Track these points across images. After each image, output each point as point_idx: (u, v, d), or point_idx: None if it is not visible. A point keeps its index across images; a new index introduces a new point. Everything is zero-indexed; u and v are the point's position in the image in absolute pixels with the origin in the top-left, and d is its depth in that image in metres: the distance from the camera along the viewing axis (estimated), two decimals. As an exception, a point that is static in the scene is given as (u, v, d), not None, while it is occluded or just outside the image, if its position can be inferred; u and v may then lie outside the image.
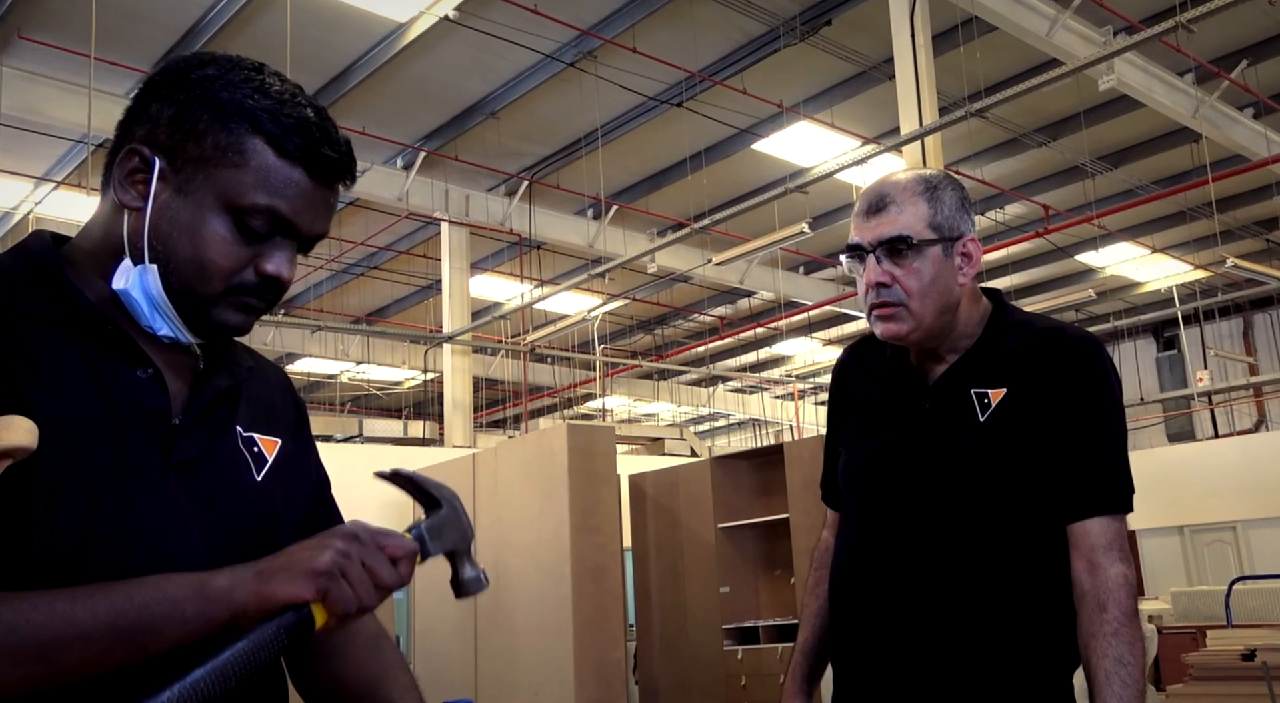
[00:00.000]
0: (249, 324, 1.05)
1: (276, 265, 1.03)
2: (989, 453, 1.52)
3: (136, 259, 1.00)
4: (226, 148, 1.00)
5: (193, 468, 1.00)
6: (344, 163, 1.05)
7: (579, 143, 10.17)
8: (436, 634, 6.92)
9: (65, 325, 0.97)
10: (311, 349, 14.57)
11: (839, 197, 11.22)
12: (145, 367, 1.00)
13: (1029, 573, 1.51)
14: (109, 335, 0.98)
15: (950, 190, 1.58)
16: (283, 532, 1.08)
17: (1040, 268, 13.96)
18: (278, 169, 1.02)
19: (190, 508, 0.98)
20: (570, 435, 5.86)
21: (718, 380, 18.48)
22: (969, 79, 8.16)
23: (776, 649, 6.57)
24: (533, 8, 7.80)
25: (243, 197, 1.00)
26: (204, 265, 1.00)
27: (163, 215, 1.00)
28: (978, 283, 1.63)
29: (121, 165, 1.01)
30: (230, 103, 1.01)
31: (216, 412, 1.05)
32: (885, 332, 1.57)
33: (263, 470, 1.07)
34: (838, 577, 1.68)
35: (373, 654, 1.18)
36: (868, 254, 1.57)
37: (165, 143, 1.00)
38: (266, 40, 7.93)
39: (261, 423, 1.11)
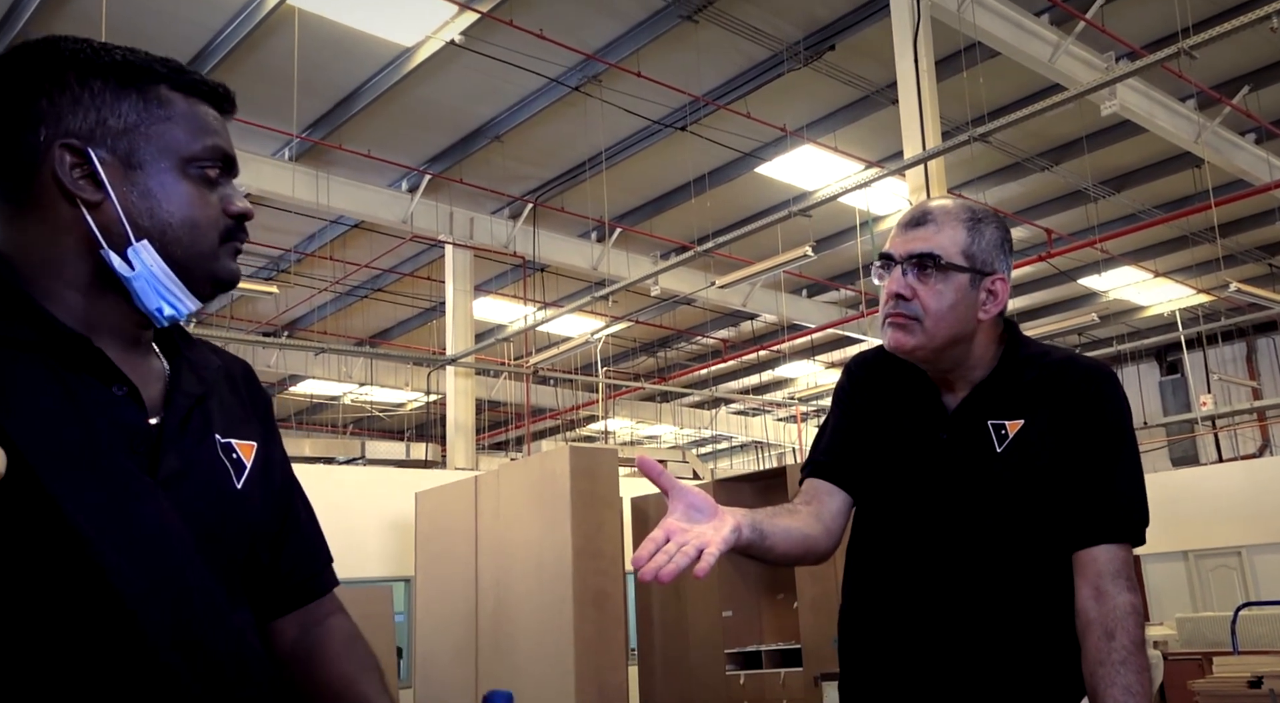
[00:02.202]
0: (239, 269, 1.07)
1: (241, 202, 1.05)
2: (1007, 484, 1.52)
3: (117, 246, 0.97)
4: (147, 106, 1.00)
5: (178, 481, 0.98)
6: (228, 88, 1.07)
7: (583, 166, 10.22)
8: (438, 658, 6.89)
9: (31, 346, 0.93)
10: (315, 371, 14.59)
11: (842, 220, 11.26)
12: (120, 384, 0.96)
13: (1041, 602, 1.51)
14: (81, 354, 0.95)
15: (993, 228, 1.58)
16: (260, 539, 1.08)
17: (1043, 291, 13.97)
18: (196, 111, 1.02)
19: (180, 522, 0.96)
20: (573, 458, 5.85)
21: (720, 403, 18.47)
22: (972, 104, 8.20)
23: (779, 674, 6.53)
24: (538, 32, 7.86)
25: (189, 146, 1.00)
26: (195, 223, 1.00)
27: (129, 195, 0.97)
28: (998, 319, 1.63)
29: (61, 167, 0.96)
30: (120, 65, 0.99)
31: (193, 420, 1.03)
32: (893, 340, 1.56)
33: (242, 478, 1.06)
34: (851, 602, 1.66)
35: (347, 655, 1.16)
36: (896, 265, 1.57)
37: (82, 129, 0.97)
38: (274, 64, 7.98)
39: (236, 427, 1.09)
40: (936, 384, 1.62)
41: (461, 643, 6.59)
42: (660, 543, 1.26)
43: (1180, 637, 8.35)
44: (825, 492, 1.64)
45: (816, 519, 1.60)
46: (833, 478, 1.65)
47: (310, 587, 1.17)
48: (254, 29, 7.62)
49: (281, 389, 15.82)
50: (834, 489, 1.64)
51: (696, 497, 1.33)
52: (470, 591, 6.59)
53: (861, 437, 1.66)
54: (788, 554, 1.51)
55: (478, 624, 6.49)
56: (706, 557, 1.25)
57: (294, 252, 11.96)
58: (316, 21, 7.59)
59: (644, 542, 1.26)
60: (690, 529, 1.29)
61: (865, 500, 1.66)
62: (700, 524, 1.31)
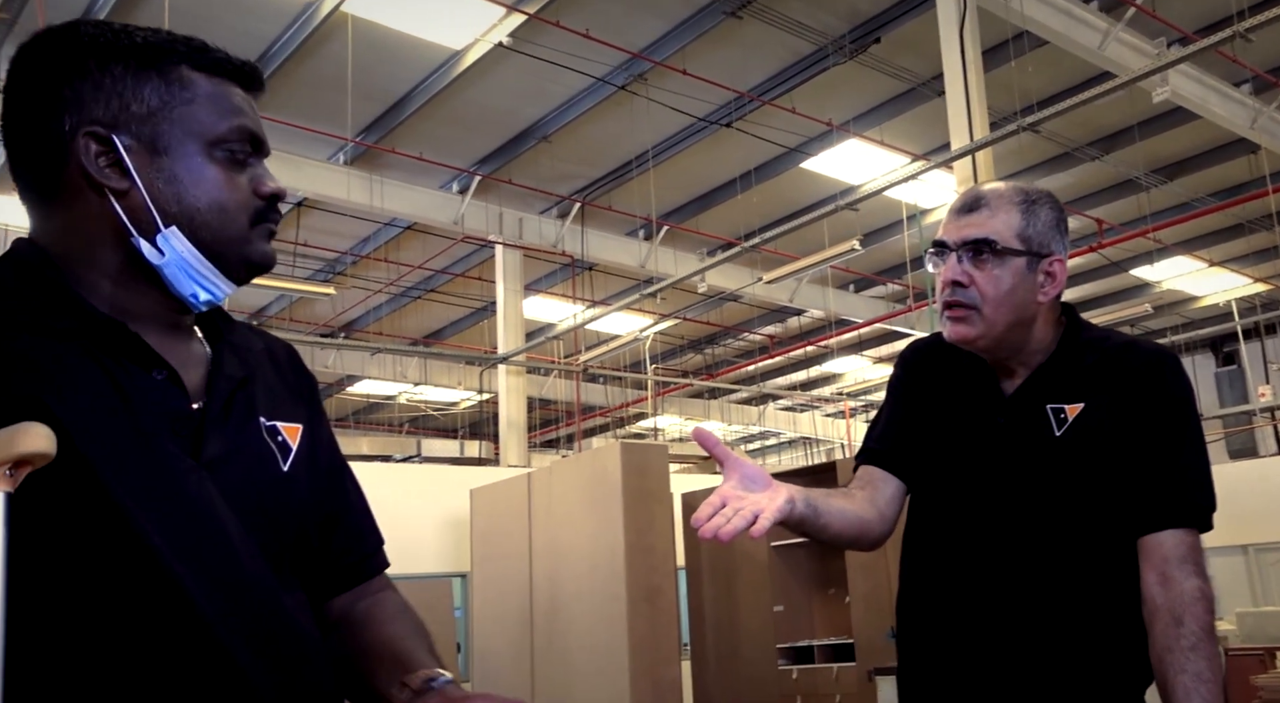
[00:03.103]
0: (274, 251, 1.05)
1: (272, 182, 1.03)
2: (1066, 469, 1.50)
3: (147, 233, 0.96)
4: (169, 88, 0.98)
5: (222, 465, 0.97)
6: (254, 66, 1.05)
7: (630, 164, 10.28)
8: (494, 654, 6.98)
9: (72, 335, 0.93)
10: (371, 371, 14.81)
11: (889, 214, 11.20)
12: (160, 369, 0.96)
13: (1105, 589, 1.48)
14: (120, 340, 0.94)
15: (1048, 208, 1.56)
16: (309, 521, 1.06)
17: (1094, 283, 13.78)
18: (220, 91, 1.01)
19: (226, 505, 0.96)
20: (624, 454, 5.90)
21: (768, 399, 18.43)
22: (1020, 93, 8.13)
23: (832, 669, 6.54)
24: (584, 32, 7.93)
25: (215, 128, 0.99)
26: (224, 206, 0.99)
27: (156, 181, 0.96)
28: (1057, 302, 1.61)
29: (87, 156, 0.95)
30: (140, 47, 0.98)
31: (236, 403, 1.02)
32: (953, 333, 1.54)
33: (288, 460, 1.04)
34: (908, 593, 1.64)
35: (395, 619, 1.15)
36: (951, 252, 1.55)
37: (105, 116, 0.96)
38: (328, 70, 8.13)
39: (282, 410, 1.07)
40: (994, 369, 1.59)
41: (517, 638, 6.68)
42: (717, 507, 1.27)
43: (1240, 632, 8.22)
44: (880, 478, 1.63)
45: (871, 504, 1.58)
46: (886, 465, 1.64)
47: (362, 569, 1.16)
48: (308, 36, 7.76)
49: (339, 389, 16.08)
50: (888, 476, 1.63)
51: (751, 468, 1.35)
52: (525, 586, 6.68)
53: (916, 424, 1.64)
54: (841, 534, 1.51)
55: (533, 620, 6.58)
56: (762, 520, 1.27)
57: (350, 254, 12.15)
58: (369, 27, 7.72)
59: (702, 505, 1.27)
60: (746, 497, 1.31)
61: (921, 487, 1.64)
62: (755, 493, 1.32)
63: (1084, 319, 1.63)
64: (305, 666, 0.98)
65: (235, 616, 0.92)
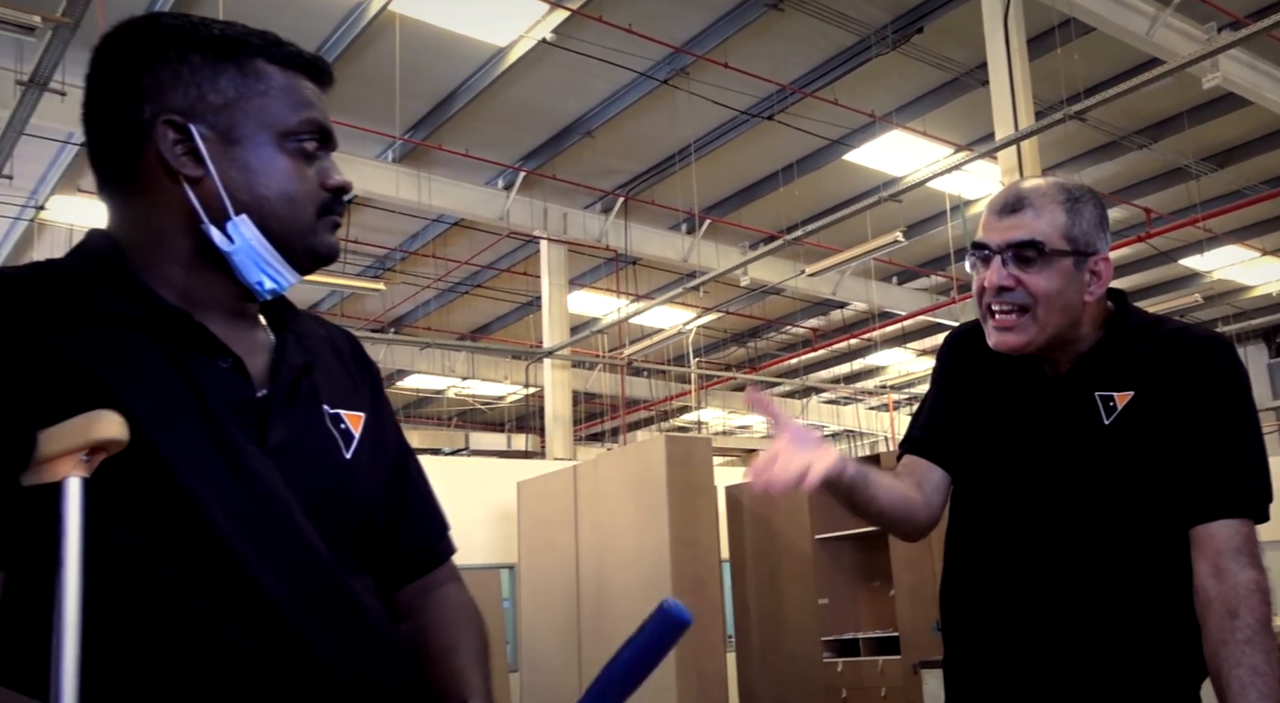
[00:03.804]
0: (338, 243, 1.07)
1: (339, 176, 1.05)
2: (1116, 458, 1.46)
3: (217, 220, 0.98)
4: (245, 80, 1.00)
5: (287, 451, 0.98)
6: (324, 60, 1.07)
7: (673, 158, 10.31)
8: (541, 644, 7.07)
9: (141, 324, 0.95)
10: (420, 366, 14.98)
11: (932, 205, 11.13)
12: (225, 357, 0.98)
13: (1157, 581, 1.44)
14: (187, 330, 0.96)
15: (1091, 205, 1.51)
16: (373, 509, 1.07)
17: (1142, 273, 13.58)
18: (292, 84, 1.02)
19: (290, 490, 0.97)
20: (668, 447, 5.95)
21: (811, 392, 18.38)
22: (1066, 82, 8.04)
23: (877, 662, 6.55)
24: (627, 27, 7.97)
25: (286, 120, 1.01)
26: (293, 197, 1.00)
27: (229, 169, 0.98)
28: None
29: (164, 143, 0.97)
30: (218, 39, 1.00)
31: (299, 390, 1.03)
32: (1001, 342, 1.50)
33: (351, 448, 1.05)
34: (953, 583, 1.61)
35: (452, 624, 1.15)
36: (993, 255, 1.49)
37: (182, 105, 0.98)
38: (376, 69, 8.25)
39: (345, 397, 1.08)
40: (1039, 357, 1.55)
41: (564, 629, 6.76)
42: (771, 461, 1.29)
43: (1296, 625, 8.10)
44: (925, 468, 1.60)
45: (919, 489, 1.56)
46: (931, 455, 1.61)
47: (427, 557, 1.17)
48: (357, 36, 7.88)
49: (389, 384, 16.30)
50: (933, 466, 1.60)
51: (803, 429, 1.35)
52: (571, 578, 6.75)
53: (960, 412, 1.61)
54: (888, 511, 1.49)
55: (579, 611, 6.65)
56: (813, 474, 1.28)
57: (399, 250, 12.29)
58: (416, 26, 7.83)
59: (754, 460, 1.30)
60: (797, 454, 1.31)
61: (966, 476, 1.61)
62: (807, 451, 1.33)
63: (1133, 305, 1.59)
64: (373, 645, 0.99)
65: (301, 597, 0.93)
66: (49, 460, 0.85)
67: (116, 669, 0.86)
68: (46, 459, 0.86)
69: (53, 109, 6.92)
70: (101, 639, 0.84)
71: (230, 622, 0.89)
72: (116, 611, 0.86)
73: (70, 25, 5.47)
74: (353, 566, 1.03)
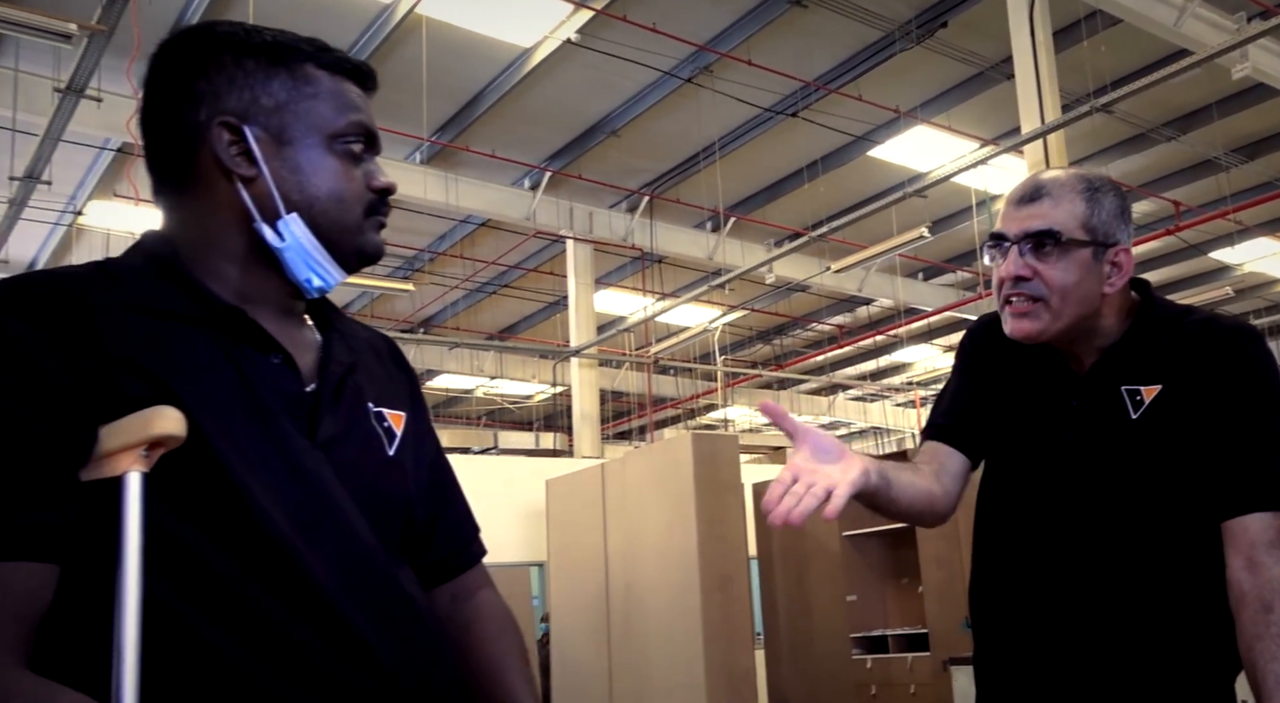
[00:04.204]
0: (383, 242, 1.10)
1: (384, 177, 1.08)
2: (1145, 452, 1.44)
3: (269, 219, 1.01)
4: (295, 84, 1.03)
5: (336, 445, 1.01)
6: (370, 66, 1.10)
7: (697, 157, 10.33)
8: (572, 641, 7.11)
9: (196, 320, 0.98)
10: (449, 366, 15.10)
11: (958, 200, 11.09)
12: (276, 353, 1.01)
13: (1189, 576, 1.42)
14: (240, 326, 0.99)
15: (1112, 195, 1.49)
16: (412, 507, 1.09)
17: (1171, 267, 13.46)
18: (340, 88, 1.06)
19: (340, 484, 0.99)
20: (695, 445, 5.96)
21: (838, 389, 18.35)
22: (1093, 74, 8.00)
23: (906, 659, 6.53)
24: (651, 26, 8.00)
25: (334, 123, 1.04)
26: (342, 197, 1.03)
27: (280, 169, 1.01)
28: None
29: (219, 144, 1.01)
30: (271, 44, 1.04)
31: (346, 388, 1.06)
32: (1016, 329, 1.48)
33: (393, 445, 1.08)
34: (981, 580, 1.59)
35: (497, 636, 1.18)
36: (1010, 245, 1.48)
37: (237, 107, 1.01)
38: (404, 71, 8.31)
39: (387, 397, 1.11)
40: (1062, 351, 1.54)
41: (594, 626, 6.79)
42: (788, 485, 1.21)
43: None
44: (945, 454, 1.59)
45: (937, 479, 1.54)
46: (952, 441, 1.60)
47: (461, 559, 1.20)
48: (385, 39, 7.95)
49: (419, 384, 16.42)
50: (953, 452, 1.59)
51: (823, 438, 1.29)
52: (600, 575, 6.79)
53: (983, 402, 1.60)
54: (909, 508, 1.47)
55: (609, 608, 6.68)
56: (836, 498, 1.21)
57: (427, 251, 12.39)
58: (442, 28, 7.89)
59: (772, 484, 1.21)
60: (818, 470, 1.24)
61: (991, 471, 1.60)
62: (827, 465, 1.26)
63: (1158, 296, 1.56)
64: (422, 636, 1.01)
65: (352, 587, 0.95)
66: (109, 456, 0.88)
67: (173, 659, 0.87)
68: (107, 455, 0.88)
69: (89, 116, 7.04)
70: (158, 630, 0.86)
71: (283, 611, 0.91)
72: (173, 602, 0.89)
73: (105, 33, 5.56)
74: (399, 558, 1.05)
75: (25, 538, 0.86)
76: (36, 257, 11.55)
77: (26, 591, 0.86)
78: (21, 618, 0.86)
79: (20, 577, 0.86)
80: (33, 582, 0.87)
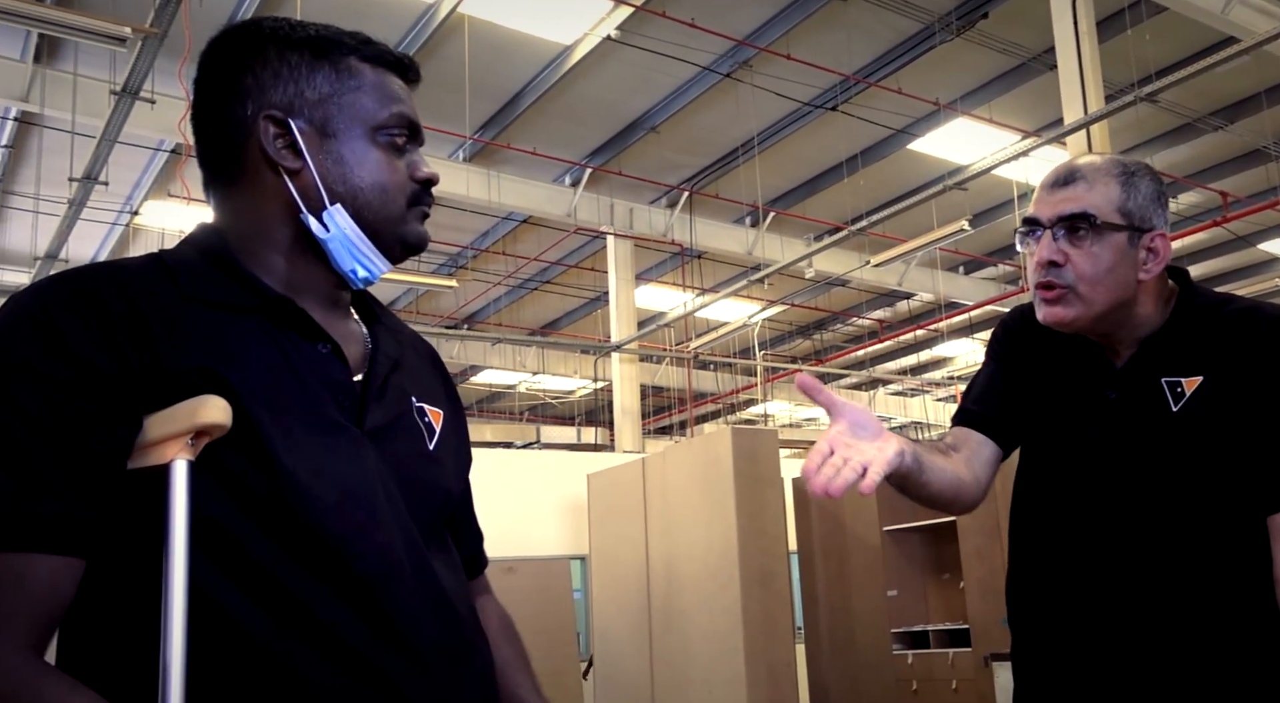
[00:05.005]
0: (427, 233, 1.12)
1: (427, 168, 1.09)
2: (1186, 445, 1.41)
3: (314, 210, 1.03)
4: (339, 77, 1.05)
5: (382, 435, 1.02)
6: (412, 59, 1.11)
7: (736, 152, 10.33)
8: (614, 635, 7.16)
9: (247, 310, 0.99)
10: (492, 361, 15.22)
11: (999, 193, 11.00)
12: (324, 342, 1.02)
13: (1231, 572, 1.39)
14: (289, 315, 1.01)
15: (1148, 180, 1.47)
16: (450, 501, 1.12)
17: (1218, 259, 13.25)
18: (383, 80, 1.07)
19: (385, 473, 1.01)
20: (735, 439, 5.98)
21: (878, 384, 18.24)
22: (1137, 63, 7.90)
23: (948, 655, 6.52)
24: (690, 21, 8.03)
25: (377, 115, 1.05)
26: (385, 188, 1.05)
27: (324, 161, 1.03)
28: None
29: (266, 137, 1.02)
30: (315, 38, 1.05)
31: (391, 380, 1.07)
32: (1048, 316, 1.46)
33: (433, 441, 1.09)
34: (1019, 576, 1.57)
35: (505, 641, 1.19)
36: (1044, 230, 1.46)
37: (282, 101, 1.03)
38: (448, 70, 8.40)
39: (427, 393, 1.13)
40: (1099, 343, 1.51)
41: (635, 620, 6.84)
42: (825, 455, 1.20)
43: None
44: (976, 441, 1.56)
45: (967, 466, 1.51)
46: (983, 428, 1.57)
47: (475, 565, 1.22)
48: (428, 39, 8.04)
49: (463, 379, 16.59)
50: (984, 440, 1.57)
51: (860, 414, 1.27)
52: (641, 569, 6.83)
53: (1016, 391, 1.57)
54: (939, 494, 1.44)
55: (650, 601, 6.73)
56: (871, 475, 1.19)
57: (470, 248, 12.51)
58: (484, 27, 7.97)
59: (810, 453, 1.20)
60: (854, 444, 1.23)
61: (1027, 465, 1.58)
62: (864, 442, 1.25)
63: (1198, 285, 1.53)
64: (459, 627, 1.03)
65: (395, 578, 0.96)
66: (155, 444, 0.89)
67: (214, 644, 0.88)
68: (153, 443, 0.89)
69: (144, 118, 7.19)
70: (200, 616, 0.87)
71: (326, 598, 0.92)
72: (216, 587, 0.89)
73: (158, 35, 5.68)
74: (440, 547, 1.07)
75: (47, 529, 0.86)
76: (95, 255, 11.81)
77: (44, 583, 0.86)
78: (37, 612, 0.86)
79: (39, 569, 0.86)
80: (52, 575, 0.87)
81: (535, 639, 6.43)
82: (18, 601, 0.85)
